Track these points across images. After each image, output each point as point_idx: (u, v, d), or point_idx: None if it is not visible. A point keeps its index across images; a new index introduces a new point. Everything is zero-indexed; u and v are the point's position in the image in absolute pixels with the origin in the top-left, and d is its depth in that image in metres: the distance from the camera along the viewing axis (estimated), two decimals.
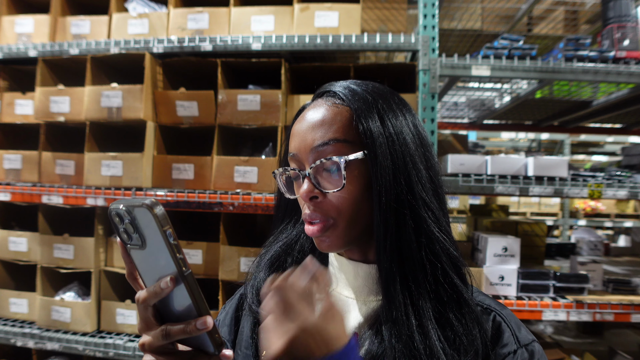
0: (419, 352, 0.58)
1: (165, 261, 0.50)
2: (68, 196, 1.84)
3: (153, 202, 0.48)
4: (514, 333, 0.65)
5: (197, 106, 1.83)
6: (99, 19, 1.98)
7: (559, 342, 2.26)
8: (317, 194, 0.65)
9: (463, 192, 1.66)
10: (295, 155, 0.68)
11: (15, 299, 1.97)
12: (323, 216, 0.65)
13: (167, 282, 0.50)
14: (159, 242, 0.49)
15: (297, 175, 0.68)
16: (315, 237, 0.67)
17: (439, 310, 0.62)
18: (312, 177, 0.65)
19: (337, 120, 0.65)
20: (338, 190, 0.64)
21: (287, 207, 0.79)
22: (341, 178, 0.63)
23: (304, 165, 0.67)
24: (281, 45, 1.76)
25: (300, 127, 0.68)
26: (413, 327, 0.60)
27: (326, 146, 0.64)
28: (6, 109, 2.03)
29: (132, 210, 0.49)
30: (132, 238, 0.51)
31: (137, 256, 0.52)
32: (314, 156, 0.65)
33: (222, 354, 0.54)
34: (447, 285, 0.63)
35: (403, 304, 0.61)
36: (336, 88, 0.69)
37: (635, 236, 2.94)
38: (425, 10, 1.70)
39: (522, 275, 1.66)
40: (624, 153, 2.26)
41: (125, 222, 0.50)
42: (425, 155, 0.66)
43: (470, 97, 3.13)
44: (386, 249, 0.62)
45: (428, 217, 0.63)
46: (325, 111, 0.67)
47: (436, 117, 1.67)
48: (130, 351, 1.76)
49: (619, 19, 1.81)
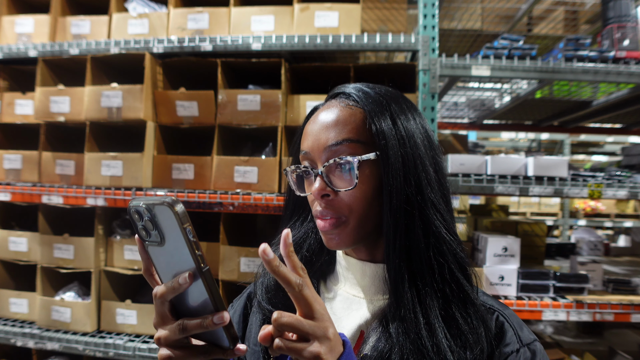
0: (426, 349, 0.60)
1: (183, 257, 0.50)
2: (68, 196, 1.84)
3: (174, 200, 0.49)
4: (516, 332, 0.66)
5: (197, 106, 1.83)
6: (99, 19, 1.98)
7: (559, 342, 2.26)
8: (329, 192, 0.66)
9: (463, 192, 1.66)
10: (307, 153, 0.69)
11: (15, 299, 1.97)
12: (335, 213, 0.66)
13: (185, 278, 0.51)
14: (179, 239, 0.50)
15: (309, 173, 0.70)
16: (326, 234, 0.68)
17: (446, 308, 0.63)
18: (324, 175, 0.66)
19: (351, 121, 0.67)
20: (350, 189, 0.65)
21: (296, 205, 0.79)
22: (353, 177, 0.65)
23: (316, 163, 0.68)
24: (281, 45, 1.76)
25: (313, 126, 0.69)
26: (421, 325, 0.61)
27: (339, 145, 0.66)
28: (6, 109, 2.03)
29: (153, 208, 0.49)
30: (151, 235, 0.51)
31: (155, 252, 0.53)
32: (327, 155, 0.67)
33: (236, 348, 0.55)
34: (454, 284, 0.64)
35: (411, 301, 0.62)
36: (349, 90, 0.71)
37: (635, 236, 2.94)
38: (425, 10, 1.70)
39: (522, 275, 1.67)
40: (624, 153, 2.25)
41: (144, 220, 0.51)
42: (434, 157, 0.68)
43: (470, 97, 3.13)
44: (395, 248, 0.64)
45: (436, 219, 0.65)
46: (339, 112, 0.68)
47: (436, 117, 1.67)
48: (130, 351, 1.76)
49: (619, 19, 1.81)
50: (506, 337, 0.66)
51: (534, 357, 0.65)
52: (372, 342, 0.64)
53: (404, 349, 0.60)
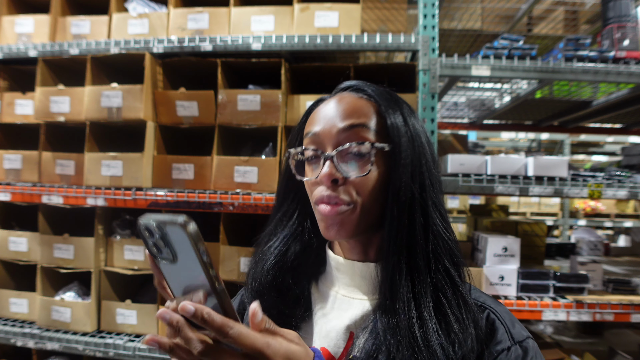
0: (417, 344, 0.59)
1: (197, 275, 0.50)
2: (68, 196, 1.84)
3: (186, 220, 0.46)
4: (508, 330, 0.65)
5: (197, 106, 1.83)
6: (99, 19, 1.98)
7: (559, 342, 2.26)
8: (338, 177, 0.65)
9: (463, 192, 1.66)
10: (316, 135, 0.68)
11: (15, 299, 1.97)
12: (341, 199, 0.65)
13: (200, 299, 0.50)
14: (192, 258, 0.48)
15: (315, 157, 0.69)
16: (327, 220, 0.67)
17: (438, 305, 0.63)
18: (335, 159, 0.65)
19: (367, 110, 0.68)
20: (363, 176, 0.65)
21: (285, 196, 0.78)
22: (368, 164, 0.65)
23: (325, 146, 0.67)
24: (281, 45, 1.76)
25: (326, 110, 0.69)
26: (414, 318, 0.61)
27: (354, 129, 0.66)
28: (6, 109, 2.03)
29: (164, 227, 0.48)
30: (162, 252, 0.50)
31: (167, 268, 0.52)
32: (340, 138, 0.66)
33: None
34: (448, 281, 0.64)
35: (405, 295, 0.62)
36: (360, 85, 0.72)
37: (635, 236, 2.94)
38: (425, 10, 1.70)
39: (522, 275, 1.67)
40: (624, 153, 2.26)
41: (155, 237, 0.49)
42: (434, 158, 0.71)
43: (470, 97, 3.14)
44: (397, 243, 0.64)
45: (437, 217, 0.66)
46: (355, 100, 0.69)
47: (436, 117, 1.68)
48: (130, 351, 1.76)
49: (619, 19, 1.81)
50: (497, 335, 0.65)
51: (525, 355, 0.64)
52: (360, 343, 0.64)
53: (392, 347, 0.60)
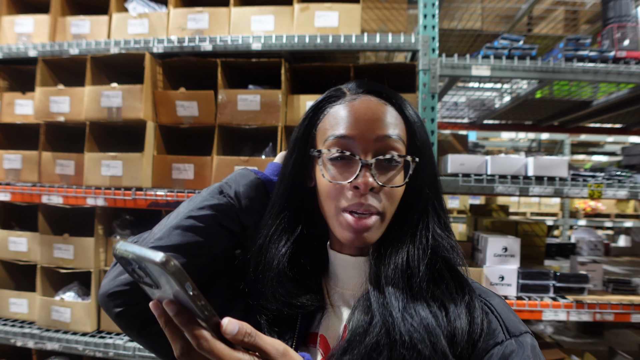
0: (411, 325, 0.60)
1: (185, 303, 0.46)
2: (68, 196, 1.84)
3: (166, 258, 0.41)
4: (502, 323, 0.63)
5: (197, 106, 1.83)
6: (99, 19, 1.98)
7: (559, 342, 2.26)
8: (374, 185, 0.65)
9: (463, 192, 1.66)
10: (350, 138, 0.66)
11: (15, 299, 1.97)
12: (373, 207, 0.65)
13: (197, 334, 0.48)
14: (177, 290, 0.45)
15: (346, 159, 0.66)
16: (357, 231, 0.65)
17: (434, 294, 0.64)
18: (372, 167, 0.65)
19: (400, 123, 0.69)
20: (398, 187, 0.67)
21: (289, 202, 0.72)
22: (400, 173, 0.68)
23: (358, 152, 0.66)
24: (281, 45, 1.76)
25: (358, 114, 0.67)
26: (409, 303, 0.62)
27: (391, 139, 0.67)
28: (6, 109, 2.03)
29: (142, 262, 0.44)
30: (144, 279, 0.47)
31: (152, 291, 0.49)
32: (379, 146, 0.66)
33: None
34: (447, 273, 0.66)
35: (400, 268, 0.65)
36: (384, 90, 0.71)
37: (635, 236, 2.94)
38: (425, 10, 1.70)
39: (522, 275, 1.67)
40: (624, 153, 2.25)
41: (134, 266, 0.46)
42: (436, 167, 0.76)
43: (470, 97, 3.14)
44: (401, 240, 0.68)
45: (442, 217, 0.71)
46: (389, 109, 0.69)
47: (436, 117, 1.67)
48: (130, 351, 1.76)
49: (619, 19, 1.81)
50: (490, 327, 0.62)
51: (520, 350, 0.60)
52: (353, 323, 0.63)
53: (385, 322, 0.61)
